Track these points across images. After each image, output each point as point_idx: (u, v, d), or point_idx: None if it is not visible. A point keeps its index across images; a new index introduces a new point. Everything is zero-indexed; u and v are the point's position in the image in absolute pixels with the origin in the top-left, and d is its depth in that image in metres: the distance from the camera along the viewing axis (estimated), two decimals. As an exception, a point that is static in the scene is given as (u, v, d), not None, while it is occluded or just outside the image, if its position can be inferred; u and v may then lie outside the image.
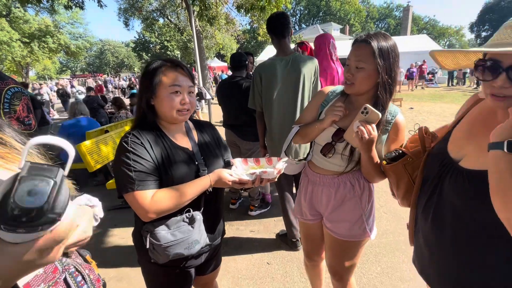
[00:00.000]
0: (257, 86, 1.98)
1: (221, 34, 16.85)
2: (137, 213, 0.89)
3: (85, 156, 2.72)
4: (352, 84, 1.04)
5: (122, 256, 2.32)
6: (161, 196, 0.88)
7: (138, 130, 0.94)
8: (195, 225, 0.94)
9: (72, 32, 23.65)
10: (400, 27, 36.22)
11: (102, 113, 5.89)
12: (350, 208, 1.18)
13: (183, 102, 0.94)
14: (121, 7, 20.63)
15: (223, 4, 10.16)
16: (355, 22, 43.15)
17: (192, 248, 0.93)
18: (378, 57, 0.96)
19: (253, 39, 28.91)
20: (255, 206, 2.89)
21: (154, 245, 0.90)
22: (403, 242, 2.28)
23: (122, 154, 0.89)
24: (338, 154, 1.13)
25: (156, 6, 18.94)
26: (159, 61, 0.96)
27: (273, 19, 1.92)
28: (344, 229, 1.20)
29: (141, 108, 0.98)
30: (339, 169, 1.16)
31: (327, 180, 1.20)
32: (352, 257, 1.25)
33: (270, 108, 1.96)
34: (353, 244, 1.21)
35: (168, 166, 0.94)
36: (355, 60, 1.01)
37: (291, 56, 1.90)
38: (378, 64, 0.96)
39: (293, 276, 2.00)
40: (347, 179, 1.17)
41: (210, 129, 1.16)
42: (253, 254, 2.27)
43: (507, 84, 0.61)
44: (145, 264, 1.03)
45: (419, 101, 9.69)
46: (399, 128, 1.07)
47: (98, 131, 3.69)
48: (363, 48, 0.99)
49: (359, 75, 1.00)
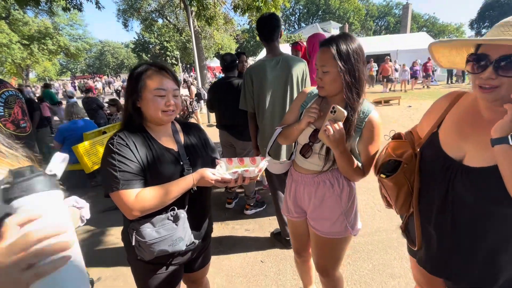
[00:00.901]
0: (248, 87, 2.00)
1: (220, 34, 16.89)
2: (122, 211, 0.93)
3: (82, 158, 2.76)
4: (322, 88, 1.09)
5: (118, 255, 2.35)
6: (145, 195, 0.91)
7: (124, 132, 0.97)
8: (179, 222, 0.97)
9: (71, 34, 23.71)
10: (400, 25, 36.15)
11: (101, 114, 5.93)
12: (330, 206, 1.21)
13: (168, 104, 0.98)
14: (120, 8, 20.70)
15: (221, 4, 10.20)
16: (354, 20, 43.06)
17: (176, 245, 0.96)
18: (339, 60, 1.00)
19: (252, 38, 28.92)
20: (251, 205, 2.92)
21: (140, 242, 0.93)
22: (396, 240, 2.31)
23: (108, 155, 0.93)
24: (316, 154, 1.17)
25: (155, 7, 18.99)
26: (144, 65, 0.99)
27: (262, 22, 1.93)
28: (325, 226, 1.23)
29: (127, 111, 1.01)
30: (318, 169, 1.20)
31: (307, 179, 1.24)
32: (337, 253, 1.29)
33: (261, 108, 1.99)
34: (336, 241, 1.24)
35: (153, 166, 0.97)
36: (320, 64, 1.06)
37: (280, 57, 1.93)
38: (339, 67, 1.00)
39: (286, 274, 2.03)
40: (326, 178, 1.20)
41: (197, 130, 1.20)
42: (247, 252, 2.30)
43: (493, 75, 0.68)
44: (133, 261, 1.06)
45: (417, 99, 9.69)
46: (373, 126, 1.08)
47: (95, 132, 3.73)
48: (325, 52, 1.03)
49: (326, 78, 1.05)
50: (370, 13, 47.82)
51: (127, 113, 1.01)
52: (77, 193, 0.88)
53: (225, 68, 2.65)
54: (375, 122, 1.08)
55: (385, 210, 2.77)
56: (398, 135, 1.06)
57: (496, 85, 0.68)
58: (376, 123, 1.09)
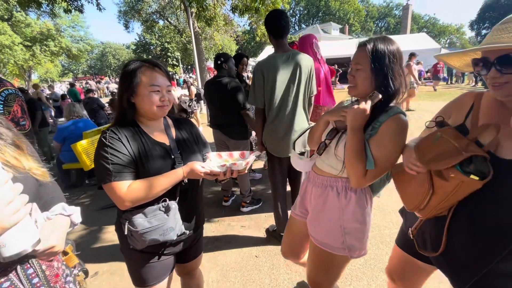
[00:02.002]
0: (259, 82, 1.96)
1: (220, 35, 16.97)
2: (115, 202, 0.97)
3: (80, 155, 2.81)
4: (354, 86, 1.08)
5: (115, 251, 2.40)
6: (136, 187, 0.96)
7: (117, 127, 1.02)
8: (170, 213, 1.01)
9: (73, 35, 23.89)
10: (400, 26, 36.15)
11: (102, 114, 6.00)
12: (330, 215, 1.16)
13: (163, 100, 1.03)
14: (121, 9, 20.83)
15: (221, 5, 10.27)
16: (354, 21, 43.16)
17: (167, 235, 1.00)
18: (371, 58, 0.99)
19: (252, 39, 29.02)
20: (247, 203, 2.96)
21: (132, 231, 0.98)
22: (388, 235, 2.35)
23: (100, 149, 0.97)
24: (332, 154, 1.14)
25: (156, 8, 19.10)
26: (137, 62, 1.04)
27: (271, 18, 1.93)
28: (320, 234, 1.19)
29: (121, 106, 1.05)
30: (334, 172, 1.16)
31: (318, 180, 1.22)
32: (329, 269, 1.21)
33: (271, 103, 1.97)
34: (330, 255, 1.17)
35: (144, 160, 1.01)
36: (354, 62, 1.07)
37: (290, 53, 1.95)
38: (371, 65, 1.00)
39: (279, 268, 2.07)
40: (335, 184, 1.15)
41: (189, 125, 1.24)
42: (242, 248, 2.34)
43: (497, 74, 0.75)
44: (126, 251, 1.11)
45: (416, 99, 9.69)
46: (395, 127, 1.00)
47: (95, 131, 3.79)
48: (361, 50, 1.04)
49: (358, 76, 1.05)
50: (370, 14, 47.91)
51: (121, 109, 1.05)
52: (76, 191, 0.93)
53: (215, 67, 2.70)
54: (397, 124, 0.99)
55: (378, 207, 2.81)
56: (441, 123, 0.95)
57: (504, 81, 0.75)
58: (398, 125, 0.99)
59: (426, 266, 1.11)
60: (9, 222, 0.52)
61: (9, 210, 0.53)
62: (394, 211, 2.70)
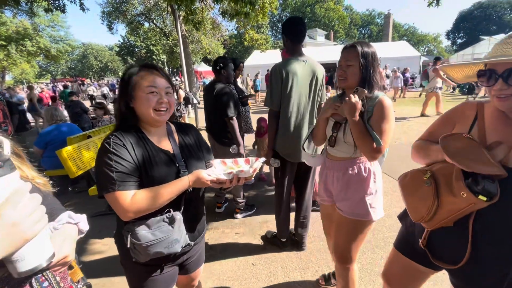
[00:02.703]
0: (277, 84, 1.93)
1: (208, 39, 16.89)
2: (117, 213, 0.92)
3: (66, 162, 2.67)
4: (344, 79, 1.33)
5: (106, 262, 2.29)
6: (141, 197, 0.91)
7: (121, 132, 0.97)
8: (175, 225, 0.97)
9: (52, 35, 22.94)
10: (382, 33, 37.62)
11: (85, 118, 5.75)
12: (355, 188, 1.37)
13: (161, 102, 0.99)
14: (105, 10, 20.26)
15: (209, 9, 10.25)
16: (339, 28, 44.42)
17: (172, 247, 0.96)
18: (361, 57, 1.27)
19: (239, 44, 29.12)
20: (240, 209, 2.93)
21: (135, 244, 0.93)
22: (382, 239, 2.39)
23: (104, 155, 0.92)
24: (342, 142, 1.37)
25: (141, 10, 18.74)
26: (135, 67, 1.02)
27: (291, 24, 1.96)
28: (349, 206, 1.39)
29: (121, 111, 1.01)
30: (348, 155, 1.39)
31: (337, 165, 1.43)
32: (355, 236, 1.41)
33: (286, 107, 1.95)
34: (357, 223, 1.38)
35: (149, 168, 0.97)
36: (345, 60, 1.32)
37: (307, 58, 1.96)
38: (361, 62, 1.27)
39: (277, 276, 2.05)
40: (354, 164, 1.38)
41: (192, 131, 1.20)
42: (238, 256, 2.30)
43: (504, 86, 0.77)
44: (127, 263, 1.05)
45: (399, 106, 10.05)
46: (383, 105, 1.26)
47: (80, 136, 3.62)
48: (352, 50, 1.30)
49: (349, 71, 1.31)
50: (354, 21, 49.48)
51: (120, 114, 1.01)
52: (59, 199, 0.87)
53: (214, 72, 2.68)
54: (384, 102, 1.27)
55: (371, 211, 2.86)
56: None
57: (510, 93, 0.77)
58: (385, 103, 1.26)
59: (427, 271, 1.12)
60: (32, 233, 0.49)
61: (32, 220, 0.48)
62: (386, 215, 2.73)
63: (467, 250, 0.86)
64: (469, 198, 0.79)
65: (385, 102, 1.27)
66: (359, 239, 1.42)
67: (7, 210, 0.44)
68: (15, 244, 0.45)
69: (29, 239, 0.48)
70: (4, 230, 0.43)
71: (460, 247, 0.90)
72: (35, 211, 0.50)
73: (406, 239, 1.18)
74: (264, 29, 17.13)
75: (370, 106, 1.29)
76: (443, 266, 0.98)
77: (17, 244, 0.46)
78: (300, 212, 2.25)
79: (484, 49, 18.48)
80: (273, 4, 8.80)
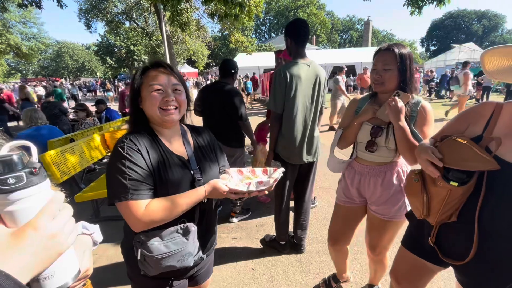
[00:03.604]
0: (281, 87, 1.90)
1: (192, 40, 16.66)
2: (129, 223, 0.85)
3: (49, 167, 2.49)
4: (381, 84, 1.30)
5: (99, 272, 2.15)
6: (155, 207, 0.85)
7: (135, 135, 0.91)
8: (189, 236, 0.91)
9: (24, 32, 21.65)
10: (362, 39, 39.04)
11: (64, 120, 5.41)
12: (396, 193, 1.38)
13: (166, 100, 0.92)
14: (82, 7, 19.42)
15: (194, 10, 10.11)
16: (321, 33, 45.54)
17: (185, 261, 0.90)
18: (399, 60, 1.24)
19: (224, 46, 28.98)
20: (236, 213, 2.88)
21: (146, 256, 0.86)
22: (378, 239, 2.44)
23: (117, 161, 0.85)
24: (383, 147, 1.36)
25: (122, 9, 18.16)
26: (142, 67, 0.98)
27: (296, 27, 1.94)
28: (389, 210, 1.41)
29: (132, 113, 0.97)
30: (388, 159, 1.39)
31: (374, 171, 1.42)
32: (393, 234, 1.48)
33: (293, 109, 1.93)
34: (397, 223, 1.44)
35: (164, 175, 0.91)
36: (383, 63, 1.28)
37: (310, 61, 1.95)
38: (399, 66, 1.25)
39: (279, 280, 2.02)
40: (392, 168, 1.39)
41: (206, 134, 1.15)
42: (237, 261, 2.25)
43: None
44: (135, 277, 0.98)
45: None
46: (426, 111, 1.28)
47: (62, 140, 3.41)
48: (389, 53, 1.26)
49: (387, 75, 1.28)
50: (335, 27, 50.97)
51: (132, 116, 0.97)
52: None
53: (222, 72, 2.61)
54: (426, 108, 1.28)
55: (365, 211, 2.91)
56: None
57: None
58: (427, 109, 1.28)
59: (435, 268, 1.14)
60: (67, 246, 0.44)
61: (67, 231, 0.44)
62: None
63: (473, 245, 0.89)
64: (444, 185, 0.90)
65: (428, 107, 1.28)
66: (395, 235, 1.49)
67: (44, 221, 0.40)
68: (50, 258, 0.41)
69: (62, 253, 0.43)
70: (42, 243, 0.39)
71: (467, 243, 0.92)
72: (68, 221, 0.45)
73: (414, 237, 1.20)
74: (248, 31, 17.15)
75: (414, 111, 1.29)
76: (451, 263, 1.00)
77: (52, 259, 0.41)
78: (300, 215, 2.24)
79: (455, 56, 19.75)
80: (259, 7, 8.85)
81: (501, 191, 0.85)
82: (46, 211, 0.41)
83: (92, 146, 3.42)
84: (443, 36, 48.06)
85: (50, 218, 0.41)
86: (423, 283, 1.26)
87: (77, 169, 2.91)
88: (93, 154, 3.39)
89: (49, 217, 0.41)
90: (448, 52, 20.89)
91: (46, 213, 0.41)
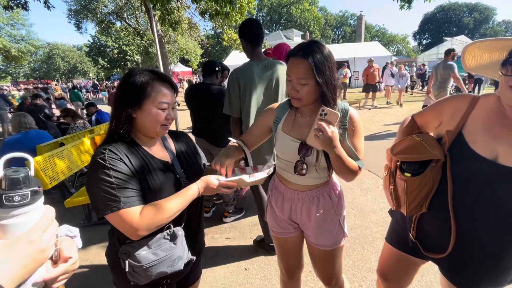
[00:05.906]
0: (235, 91, 1.91)
1: (184, 39, 16.49)
2: (125, 233, 0.83)
3: (37, 173, 2.45)
4: (299, 99, 1.05)
5: (96, 279, 2.13)
6: (150, 211, 0.84)
7: (114, 145, 0.88)
8: (177, 241, 0.90)
9: (12, 34, 21.25)
10: (355, 34, 39.05)
11: (50, 125, 5.32)
12: (330, 218, 1.21)
13: (168, 118, 0.94)
14: (71, 8, 19.08)
15: (185, 9, 9.99)
16: (314, 29, 45.44)
17: (175, 265, 0.90)
18: (316, 73, 0.98)
19: (217, 44, 28.78)
20: (230, 212, 2.87)
21: (134, 267, 0.85)
22: (370, 235, 2.45)
23: (100, 172, 0.82)
24: (312, 167, 1.13)
25: (112, 9, 17.87)
26: (146, 74, 0.91)
27: (248, 27, 1.90)
28: (328, 239, 1.23)
29: (119, 120, 0.89)
30: (321, 181, 1.18)
31: (305, 196, 1.19)
32: (339, 261, 1.32)
33: (247, 113, 1.92)
34: (338, 250, 1.28)
35: (150, 180, 0.90)
36: (297, 77, 1.02)
37: (266, 61, 1.92)
38: (318, 80, 0.99)
39: (272, 279, 2.03)
40: (324, 191, 1.19)
41: (185, 137, 1.15)
42: (230, 261, 2.25)
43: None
44: (122, 286, 0.96)
45: (377, 102, 10.49)
46: (354, 121, 1.10)
47: (51, 144, 3.36)
48: (302, 63, 0.99)
49: (304, 90, 1.02)
50: (328, 22, 50.88)
51: (117, 123, 0.90)
52: None
53: (205, 73, 2.59)
54: (355, 118, 1.11)
55: (357, 208, 2.93)
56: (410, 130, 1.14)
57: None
58: (356, 118, 1.11)
59: (420, 261, 1.16)
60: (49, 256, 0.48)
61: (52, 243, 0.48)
62: (372, 211, 2.84)
63: (452, 234, 0.91)
64: (401, 176, 0.98)
65: (355, 116, 1.11)
66: (341, 261, 1.34)
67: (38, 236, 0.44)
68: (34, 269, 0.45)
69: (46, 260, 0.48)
70: (32, 256, 0.43)
71: (445, 234, 0.94)
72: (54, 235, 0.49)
73: (397, 232, 1.21)
74: (241, 29, 16.97)
75: (344, 123, 1.09)
76: (433, 257, 1.02)
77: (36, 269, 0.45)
78: None
79: (448, 49, 19.86)
80: (251, 4, 8.79)
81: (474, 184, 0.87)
82: (40, 226, 0.45)
83: (82, 149, 3.38)
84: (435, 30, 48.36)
85: (42, 233, 0.45)
86: (410, 277, 1.28)
87: (67, 174, 2.87)
88: (83, 158, 3.35)
89: (42, 232, 0.45)
90: (440, 46, 20.98)
91: (40, 228, 0.45)
